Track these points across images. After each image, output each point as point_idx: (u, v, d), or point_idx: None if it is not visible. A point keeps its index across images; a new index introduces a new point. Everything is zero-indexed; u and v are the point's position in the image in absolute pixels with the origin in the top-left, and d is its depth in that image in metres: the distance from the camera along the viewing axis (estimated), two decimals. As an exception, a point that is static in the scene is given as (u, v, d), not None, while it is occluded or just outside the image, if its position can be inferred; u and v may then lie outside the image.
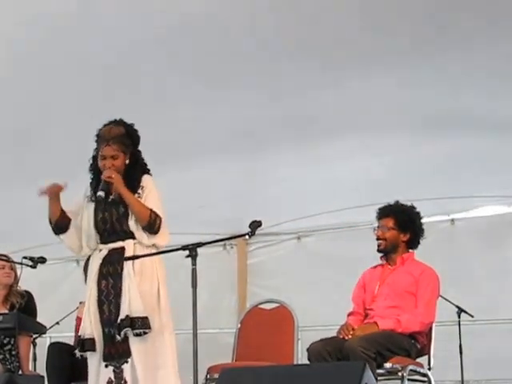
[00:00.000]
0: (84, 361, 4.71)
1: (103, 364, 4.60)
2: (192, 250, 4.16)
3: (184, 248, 4.19)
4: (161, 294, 4.67)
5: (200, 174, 6.47)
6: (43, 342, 6.43)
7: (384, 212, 5.18)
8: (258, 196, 6.86)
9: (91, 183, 4.86)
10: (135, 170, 4.78)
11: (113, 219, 4.73)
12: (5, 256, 5.99)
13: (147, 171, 4.83)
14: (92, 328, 4.61)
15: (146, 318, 4.54)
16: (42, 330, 5.98)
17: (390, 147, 6.12)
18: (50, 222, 4.83)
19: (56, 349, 5.71)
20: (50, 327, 6.42)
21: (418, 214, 5.18)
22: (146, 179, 4.77)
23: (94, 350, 4.59)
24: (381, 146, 6.10)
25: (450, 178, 6.51)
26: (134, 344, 4.55)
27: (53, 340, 6.48)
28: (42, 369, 5.98)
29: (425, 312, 4.97)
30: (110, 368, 4.58)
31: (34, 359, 6.09)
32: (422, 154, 6.17)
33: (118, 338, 4.53)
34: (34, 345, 6.05)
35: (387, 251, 5.16)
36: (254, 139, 5.97)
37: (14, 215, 7.01)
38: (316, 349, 4.79)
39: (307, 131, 5.89)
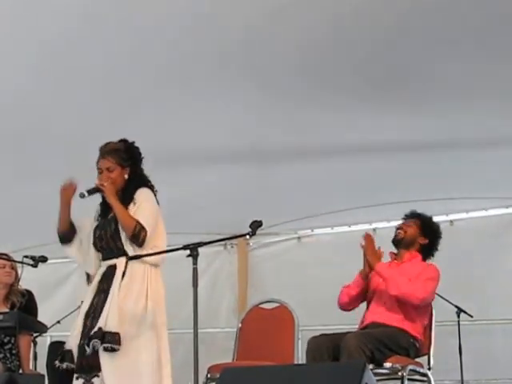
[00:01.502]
0: None
1: (75, 375, 4.53)
2: (193, 249, 4.16)
3: (185, 247, 4.20)
4: (148, 313, 4.54)
5: (201, 175, 6.48)
6: (44, 341, 6.43)
7: (412, 215, 5.41)
8: (259, 196, 6.86)
9: (101, 203, 4.83)
10: (132, 185, 4.72)
11: (107, 236, 4.70)
12: (5, 255, 5.99)
13: (147, 184, 4.77)
14: (73, 340, 4.57)
15: (118, 334, 4.42)
16: (42, 329, 5.99)
17: (390, 148, 6.13)
18: (58, 232, 4.79)
19: (57, 348, 5.71)
20: (51, 326, 6.42)
21: (441, 232, 5.36)
22: (140, 192, 4.69)
23: (71, 362, 4.52)
24: (381, 147, 6.11)
25: (449, 179, 6.52)
26: (104, 358, 4.42)
27: (53, 339, 6.48)
28: (42, 368, 5.98)
29: (420, 286, 5.02)
30: (81, 380, 4.51)
31: (35, 358, 6.08)
32: (422, 155, 6.18)
33: (87, 349, 4.44)
34: (35, 344, 6.04)
35: (403, 243, 5.28)
36: (255, 140, 5.98)
37: (14, 215, 7.01)
38: (316, 343, 4.88)
39: (307, 132, 5.90)
